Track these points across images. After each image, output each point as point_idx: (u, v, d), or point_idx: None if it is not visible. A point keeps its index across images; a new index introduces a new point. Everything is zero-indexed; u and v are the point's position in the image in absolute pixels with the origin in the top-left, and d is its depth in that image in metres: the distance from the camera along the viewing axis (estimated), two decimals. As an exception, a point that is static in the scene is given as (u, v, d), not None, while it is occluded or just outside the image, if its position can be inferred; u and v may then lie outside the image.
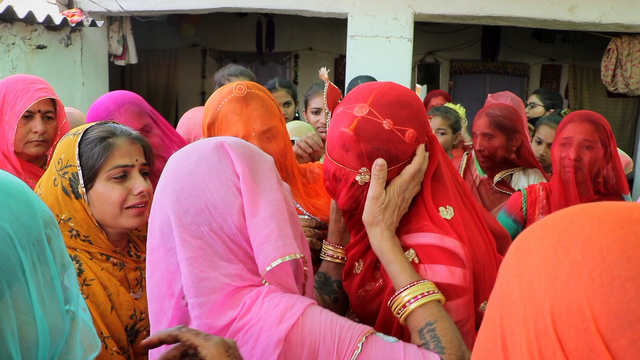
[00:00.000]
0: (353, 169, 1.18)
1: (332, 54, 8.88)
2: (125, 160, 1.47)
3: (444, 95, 4.62)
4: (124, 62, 5.86)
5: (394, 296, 1.13)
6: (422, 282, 1.12)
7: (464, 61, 9.09)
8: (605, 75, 5.40)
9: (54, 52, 4.66)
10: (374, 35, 4.48)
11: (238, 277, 1.03)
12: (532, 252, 0.51)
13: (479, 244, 1.22)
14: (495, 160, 2.64)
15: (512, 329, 0.51)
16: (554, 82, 8.95)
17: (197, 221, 1.03)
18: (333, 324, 1.01)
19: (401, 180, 1.17)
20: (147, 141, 1.59)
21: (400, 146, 1.15)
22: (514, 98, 3.60)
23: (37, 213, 0.65)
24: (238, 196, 1.06)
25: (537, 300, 0.49)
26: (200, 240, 1.02)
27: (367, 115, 1.15)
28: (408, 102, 1.18)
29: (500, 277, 0.55)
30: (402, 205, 1.18)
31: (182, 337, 0.92)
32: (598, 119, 2.10)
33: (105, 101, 2.00)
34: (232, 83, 1.67)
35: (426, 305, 1.09)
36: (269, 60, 9.16)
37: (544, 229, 0.53)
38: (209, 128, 1.62)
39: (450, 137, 3.50)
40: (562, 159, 2.10)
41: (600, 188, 2.13)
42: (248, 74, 3.27)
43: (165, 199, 1.06)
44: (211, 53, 9.18)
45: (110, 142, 1.47)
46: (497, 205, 2.69)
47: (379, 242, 1.17)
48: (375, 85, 1.21)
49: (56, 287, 0.66)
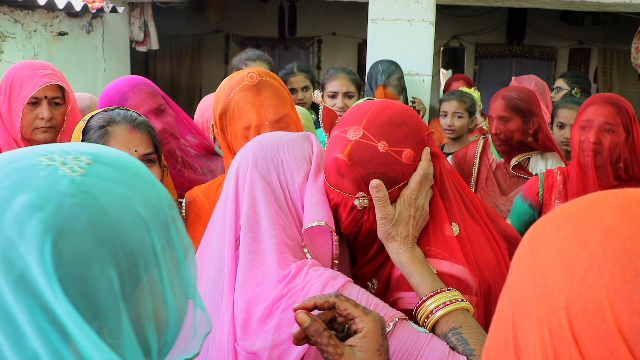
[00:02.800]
0: (350, 194, 1.15)
1: (355, 39, 8.80)
2: (123, 150, 1.45)
3: (466, 80, 4.54)
4: (146, 48, 5.89)
5: (418, 305, 1.10)
6: (447, 290, 1.09)
7: (489, 45, 8.92)
8: (635, 57, 5.24)
9: (75, 39, 4.70)
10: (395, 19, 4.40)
11: (288, 227, 1.13)
12: (547, 244, 0.47)
13: (488, 258, 1.20)
14: (512, 143, 2.58)
15: (524, 328, 0.47)
16: (583, 65, 8.73)
17: (270, 168, 1.17)
18: (369, 299, 1.05)
19: (409, 191, 1.14)
20: (153, 129, 1.57)
21: (398, 168, 1.12)
22: (538, 82, 3.52)
23: (162, 194, 0.64)
24: (307, 164, 1.20)
25: (551, 298, 0.44)
26: (267, 183, 1.15)
27: (361, 138, 1.11)
28: (403, 121, 1.14)
29: (513, 270, 0.51)
30: (417, 214, 1.15)
31: (340, 306, 0.89)
32: (620, 101, 2.02)
33: (118, 84, 1.99)
34: (242, 70, 1.64)
35: (452, 313, 1.06)
36: (292, 45, 9.13)
37: (559, 219, 0.48)
38: (220, 118, 1.60)
39: (466, 121, 3.45)
40: (581, 142, 2.03)
41: (620, 174, 2.05)
42: (265, 58, 3.25)
43: (250, 149, 1.21)
44: (234, 39, 9.18)
45: (108, 131, 1.46)
46: (514, 190, 2.64)
47: (397, 256, 1.14)
48: (370, 106, 1.17)
49: (181, 270, 0.65)
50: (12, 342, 0.49)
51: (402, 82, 3.86)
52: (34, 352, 0.49)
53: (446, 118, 3.45)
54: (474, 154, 2.83)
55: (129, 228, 0.56)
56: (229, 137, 1.61)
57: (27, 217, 0.51)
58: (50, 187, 0.53)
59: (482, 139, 2.88)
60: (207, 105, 2.58)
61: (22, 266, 0.50)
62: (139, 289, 0.57)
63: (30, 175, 0.54)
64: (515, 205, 2.28)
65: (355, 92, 3.17)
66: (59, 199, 0.53)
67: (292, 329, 0.97)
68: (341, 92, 3.12)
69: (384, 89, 3.58)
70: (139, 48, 5.87)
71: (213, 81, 9.11)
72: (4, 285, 0.50)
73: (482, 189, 2.74)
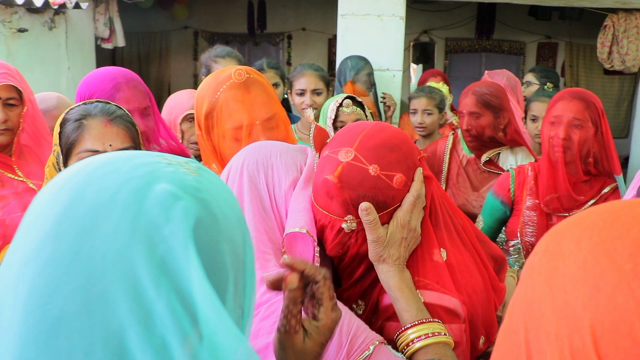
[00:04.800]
0: (339, 217, 1.12)
1: (325, 34, 8.77)
2: (96, 144, 1.41)
3: (442, 76, 4.54)
4: (112, 45, 5.76)
5: (400, 332, 1.08)
6: (431, 321, 1.07)
7: (459, 40, 8.98)
8: (601, 52, 5.31)
9: (36, 36, 4.55)
10: (365, 14, 4.38)
11: (270, 230, 1.13)
12: (566, 256, 0.44)
13: (476, 283, 1.18)
14: (483, 139, 2.57)
15: (540, 345, 0.43)
16: (550, 60, 8.86)
17: (259, 170, 1.17)
18: (351, 320, 1.02)
19: (403, 212, 1.11)
20: (133, 124, 1.51)
21: (388, 192, 1.09)
22: (510, 77, 3.53)
23: None
24: (297, 172, 1.19)
25: (573, 314, 0.41)
26: (254, 185, 1.15)
27: (353, 160, 1.08)
28: (396, 145, 1.11)
29: (525, 281, 0.48)
30: (409, 236, 1.12)
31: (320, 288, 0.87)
32: (589, 96, 2.02)
33: (113, 72, 1.90)
34: (227, 68, 1.58)
35: (432, 345, 1.04)
36: (261, 41, 9.06)
37: (579, 229, 0.45)
38: (206, 118, 1.52)
39: (436, 117, 3.43)
40: (550, 138, 2.03)
41: (590, 169, 2.06)
42: (235, 55, 3.19)
43: (244, 154, 1.21)
44: (203, 35, 9.06)
45: (83, 124, 1.42)
46: (486, 185, 2.63)
47: (386, 278, 1.11)
48: (363, 127, 1.14)
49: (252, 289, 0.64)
50: (142, 326, 0.49)
51: (372, 78, 3.84)
52: (162, 339, 0.49)
53: (416, 115, 3.43)
54: (443, 150, 2.82)
55: (235, 231, 0.59)
56: (216, 138, 1.54)
57: (171, 203, 0.52)
58: (182, 181, 0.55)
59: (452, 134, 2.87)
60: (174, 104, 2.51)
61: (164, 249, 0.51)
62: (237, 296, 0.58)
63: (159, 169, 0.56)
64: (487, 202, 2.27)
65: (323, 89, 3.13)
66: (192, 191, 0.55)
67: (269, 339, 0.96)
68: (309, 90, 3.07)
69: (353, 85, 3.56)
70: (104, 45, 5.74)
71: (182, 78, 8.99)
72: (142, 267, 0.50)
73: (453, 186, 2.73)
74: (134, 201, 0.52)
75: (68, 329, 0.48)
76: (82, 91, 1.88)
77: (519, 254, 2.16)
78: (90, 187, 0.53)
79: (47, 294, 0.49)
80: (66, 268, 0.49)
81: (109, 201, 0.52)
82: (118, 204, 0.51)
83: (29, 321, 0.48)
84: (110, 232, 0.50)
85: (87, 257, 0.49)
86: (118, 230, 0.50)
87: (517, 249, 2.17)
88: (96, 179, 0.54)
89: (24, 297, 0.49)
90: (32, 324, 0.48)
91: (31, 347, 0.48)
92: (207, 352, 0.50)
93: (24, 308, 0.49)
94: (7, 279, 0.52)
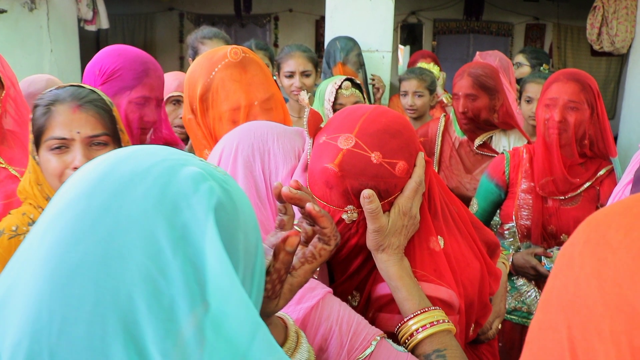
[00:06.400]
0: (338, 207, 1.06)
1: (312, 15, 8.67)
2: (63, 132, 1.36)
3: (432, 57, 4.50)
4: (95, 27, 5.64)
5: (401, 324, 1.04)
6: (432, 309, 1.04)
7: (447, 21, 8.93)
8: (590, 33, 5.29)
9: (16, 18, 4.44)
10: (353, -5, 4.32)
11: (265, 221, 1.08)
12: (615, 247, 0.41)
13: (473, 273, 1.15)
14: (479, 121, 2.54)
15: (590, 343, 0.40)
16: (538, 41, 8.85)
17: (255, 156, 1.10)
18: (351, 316, 0.99)
19: (404, 199, 1.06)
20: (108, 108, 1.44)
21: (390, 180, 1.04)
22: (502, 58, 3.49)
23: None
24: (295, 160, 1.12)
25: (632, 310, 0.38)
26: (249, 172, 1.09)
27: (354, 147, 1.02)
28: (398, 131, 1.06)
29: (563, 274, 0.44)
30: (409, 223, 1.08)
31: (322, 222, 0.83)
32: (585, 78, 1.99)
33: (143, 55, 1.86)
34: (221, 48, 1.51)
35: (435, 334, 1.01)
36: (248, 22, 8.94)
37: (626, 218, 0.42)
38: (201, 100, 1.45)
39: (427, 99, 3.40)
40: (546, 120, 2.01)
41: (586, 151, 2.04)
42: (222, 36, 3.12)
43: (237, 135, 1.13)
44: (188, 16, 8.93)
45: (51, 110, 1.36)
46: (479, 167, 2.61)
47: (385, 268, 1.07)
48: (363, 112, 1.08)
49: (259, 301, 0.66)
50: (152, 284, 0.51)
51: (361, 58, 3.79)
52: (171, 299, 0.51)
53: (407, 97, 3.40)
54: (435, 132, 2.79)
55: (251, 232, 0.62)
56: (211, 121, 1.47)
57: (200, 179, 0.57)
58: (210, 170, 0.60)
59: (443, 116, 2.84)
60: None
61: (188, 216, 0.54)
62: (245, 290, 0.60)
63: (190, 158, 0.61)
64: (482, 184, 2.25)
65: (312, 70, 3.08)
66: (219, 180, 0.59)
67: None
68: (298, 72, 3.02)
69: (343, 66, 3.51)
70: (87, 27, 5.62)
71: (168, 61, 8.86)
72: (163, 229, 0.52)
73: (446, 168, 2.71)
74: (167, 174, 0.56)
75: (83, 278, 0.50)
76: (105, 63, 1.83)
77: (514, 237, 2.15)
78: (129, 161, 0.57)
79: (71, 243, 0.52)
80: (93, 222, 0.52)
81: (144, 171, 0.56)
82: (152, 173, 0.56)
83: (49, 266, 0.51)
84: (140, 195, 0.54)
85: (115, 214, 0.52)
86: (147, 194, 0.54)
87: (512, 232, 2.15)
88: (134, 156, 0.58)
89: (48, 244, 0.53)
90: (52, 268, 0.51)
91: (46, 289, 0.51)
92: (213, 322, 0.52)
93: (47, 253, 0.52)
94: (37, 230, 0.55)
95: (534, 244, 2.09)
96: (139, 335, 0.50)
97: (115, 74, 1.81)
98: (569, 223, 2.04)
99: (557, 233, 2.06)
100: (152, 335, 0.50)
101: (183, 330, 0.51)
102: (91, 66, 1.86)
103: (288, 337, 0.85)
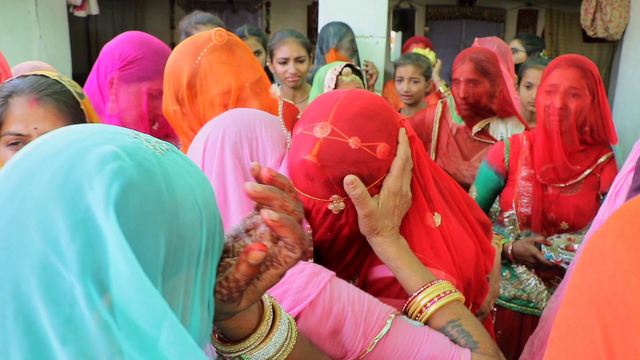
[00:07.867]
0: (323, 199, 1.03)
1: (304, 1, 8.59)
2: (19, 127, 1.27)
3: (425, 42, 4.47)
4: (85, 12, 5.55)
5: (409, 301, 1.02)
6: (438, 282, 1.02)
7: (439, 6, 8.89)
8: (584, 19, 5.28)
9: (3, 3, 4.35)
10: (347, -20, 4.27)
11: None
12: None
13: (468, 252, 1.14)
14: (479, 107, 2.52)
15: (629, 344, 0.38)
16: (531, 27, 8.84)
17: (243, 143, 1.06)
18: (361, 296, 0.97)
19: (393, 179, 1.03)
20: (73, 101, 1.34)
21: (373, 164, 1.00)
22: (501, 44, 3.46)
23: (217, 208, 0.65)
24: (284, 149, 1.08)
25: None
26: (237, 160, 1.04)
27: (330, 135, 0.98)
28: (375, 112, 1.02)
29: (594, 269, 0.42)
30: (401, 202, 1.05)
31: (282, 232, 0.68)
32: (586, 63, 1.97)
33: (167, 49, 1.83)
34: (204, 32, 1.45)
35: (446, 305, 1.00)
36: (239, 8, 8.85)
37: None
38: (188, 87, 1.39)
39: (423, 85, 3.39)
40: (547, 107, 1.99)
41: (586, 138, 2.02)
42: (217, 21, 3.07)
43: (223, 121, 1.09)
44: (179, 2, 8.83)
45: (9, 103, 1.28)
46: (477, 154, 2.60)
47: (382, 250, 1.05)
48: (336, 97, 1.04)
49: (211, 283, 0.64)
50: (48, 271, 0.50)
51: (354, 44, 3.76)
52: (71, 287, 0.50)
53: (402, 83, 3.38)
54: (432, 118, 2.77)
55: (187, 214, 0.58)
56: (200, 108, 1.41)
57: (109, 159, 0.54)
58: (135, 149, 0.57)
59: (441, 102, 2.81)
60: None
61: (91, 197, 0.51)
62: (176, 277, 0.57)
63: (120, 137, 0.58)
64: (481, 171, 2.23)
65: (306, 56, 3.04)
66: (140, 159, 0.56)
67: None
68: (292, 58, 2.98)
69: (336, 52, 3.48)
70: (77, 13, 5.53)
71: (158, 47, 8.75)
72: (61, 212, 0.51)
73: (444, 155, 2.69)
74: (78, 155, 0.54)
75: None
76: (127, 49, 1.79)
77: (514, 224, 2.14)
78: (50, 141, 0.56)
79: None
80: (1, 207, 0.52)
81: (57, 153, 0.54)
82: (63, 155, 0.54)
83: None
84: (46, 178, 0.52)
85: (20, 199, 0.52)
86: (53, 177, 0.52)
87: (512, 219, 2.14)
88: (58, 136, 0.57)
89: None
90: None
91: None
92: (117, 309, 0.50)
93: None
94: None
95: (533, 231, 2.08)
96: (38, 322, 0.49)
97: (135, 62, 1.78)
98: (569, 211, 2.03)
99: (557, 221, 2.05)
100: (51, 322, 0.49)
101: (85, 316, 0.49)
102: (110, 49, 1.82)
103: (263, 319, 0.78)
